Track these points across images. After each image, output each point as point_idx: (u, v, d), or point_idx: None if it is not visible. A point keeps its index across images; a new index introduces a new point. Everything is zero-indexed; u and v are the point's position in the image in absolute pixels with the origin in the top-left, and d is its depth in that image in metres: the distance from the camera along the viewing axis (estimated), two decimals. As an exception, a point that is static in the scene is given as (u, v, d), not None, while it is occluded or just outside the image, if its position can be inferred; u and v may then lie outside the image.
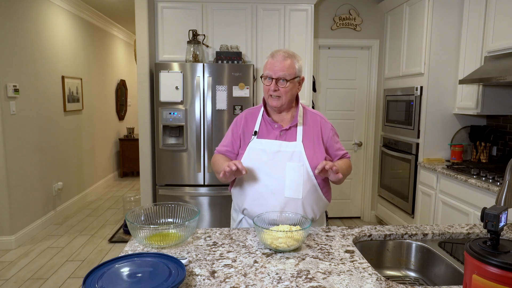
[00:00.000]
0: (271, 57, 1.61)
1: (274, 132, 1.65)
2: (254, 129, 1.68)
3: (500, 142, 3.27)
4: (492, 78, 2.53)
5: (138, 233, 1.33)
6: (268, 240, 1.31)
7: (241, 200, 1.68)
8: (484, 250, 0.88)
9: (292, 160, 1.59)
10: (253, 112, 1.74)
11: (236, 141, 1.71)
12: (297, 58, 1.61)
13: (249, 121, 1.71)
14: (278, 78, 1.57)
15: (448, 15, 3.26)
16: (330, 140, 1.69)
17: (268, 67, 1.59)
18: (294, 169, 1.58)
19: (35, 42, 3.96)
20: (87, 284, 0.98)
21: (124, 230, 3.93)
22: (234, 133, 1.73)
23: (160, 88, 3.43)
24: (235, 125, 1.75)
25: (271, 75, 1.57)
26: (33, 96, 3.90)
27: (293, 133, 1.64)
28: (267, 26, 3.74)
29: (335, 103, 4.35)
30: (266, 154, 1.60)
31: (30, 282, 2.93)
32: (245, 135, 1.69)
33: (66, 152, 4.65)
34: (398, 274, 1.50)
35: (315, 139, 1.65)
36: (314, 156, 1.61)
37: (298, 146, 1.60)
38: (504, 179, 1.08)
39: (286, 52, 1.60)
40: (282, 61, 1.56)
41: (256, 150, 1.63)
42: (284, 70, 1.56)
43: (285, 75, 1.56)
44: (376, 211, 4.41)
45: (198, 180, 3.55)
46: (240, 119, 1.75)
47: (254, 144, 1.64)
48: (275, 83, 1.57)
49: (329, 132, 1.70)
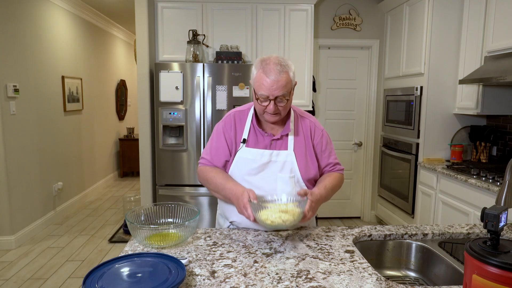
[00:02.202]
0: (263, 73, 1.39)
1: (264, 141, 1.52)
2: (242, 135, 1.53)
3: (500, 142, 3.27)
4: (492, 78, 2.53)
5: (138, 233, 1.33)
6: (263, 216, 1.29)
7: (228, 211, 1.58)
8: (484, 250, 0.88)
9: (283, 171, 1.49)
10: (242, 116, 1.57)
11: (232, 148, 1.55)
12: (290, 66, 1.42)
13: (238, 126, 1.55)
14: (276, 97, 1.40)
15: (448, 15, 3.26)
16: (318, 146, 1.58)
17: (264, 87, 1.38)
18: (285, 182, 1.48)
19: (35, 42, 3.96)
20: (87, 284, 0.98)
21: (124, 230, 3.93)
22: (228, 139, 1.55)
23: (160, 88, 3.43)
24: (225, 130, 1.56)
25: (268, 96, 1.39)
26: (33, 96, 3.90)
27: (284, 142, 1.52)
28: (267, 26, 3.74)
29: (335, 103, 4.35)
30: (256, 165, 1.49)
31: (30, 282, 2.93)
32: (236, 141, 1.54)
33: (66, 152, 4.65)
34: (398, 274, 1.49)
35: (307, 147, 1.55)
36: (306, 166, 1.52)
37: (289, 156, 1.50)
38: (504, 179, 1.08)
39: (278, 63, 1.39)
40: (278, 79, 1.37)
41: (245, 160, 1.51)
42: (283, 88, 1.38)
43: (284, 94, 1.40)
44: (376, 211, 4.41)
45: (198, 180, 3.54)
46: (229, 122, 1.57)
47: (242, 153, 1.51)
48: (274, 104, 1.41)
49: (318, 137, 1.58)
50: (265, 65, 1.40)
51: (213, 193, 1.57)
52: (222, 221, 1.70)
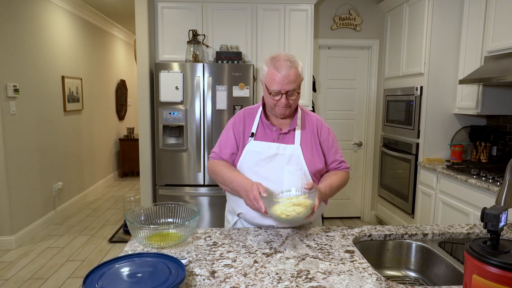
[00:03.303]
0: (274, 69, 1.49)
1: (272, 135, 1.60)
2: (251, 130, 1.62)
3: (500, 142, 3.27)
4: (492, 78, 2.53)
5: (138, 233, 1.33)
6: (277, 211, 1.32)
7: (236, 204, 1.63)
8: (484, 250, 0.88)
9: (290, 163, 1.55)
10: (251, 113, 1.68)
11: (239, 142, 1.64)
12: (298, 62, 1.52)
13: (247, 122, 1.65)
14: (287, 91, 1.50)
15: (448, 15, 3.26)
16: (325, 143, 1.65)
17: (276, 82, 1.48)
18: (292, 173, 1.54)
19: (35, 42, 3.96)
20: (87, 284, 0.98)
21: (124, 230, 3.93)
22: (236, 133, 1.65)
23: (160, 88, 3.43)
24: (235, 125, 1.67)
25: (280, 90, 1.49)
26: (33, 96, 3.90)
27: (291, 136, 1.60)
28: (267, 26, 3.74)
29: (335, 103, 4.35)
30: (264, 157, 1.56)
31: (30, 282, 2.93)
32: (244, 136, 1.64)
33: (66, 152, 4.65)
34: (398, 274, 1.50)
35: (313, 142, 1.62)
36: (312, 159, 1.58)
37: (296, 149, 1.56)
38: (504, 179, 1.08)
39: (288, 59, 1.49)
40: (289, 73, 1.47)
41: (253, 153, 1.58)
42: (293, 82, 1.48)
43: (295, 88, 1.50)
44: (376, 211, 4.41)
45: (198, 180, 3.55)
46: (239, 118, 1.67)
47: (251, 146, 1.59)
48: (286, 97, 1.50)
49: (325, 134, 1.66)
50: (276, 61, 1.49)
51: (221, 185, 1.63)
52: (231, 217, 1.74)
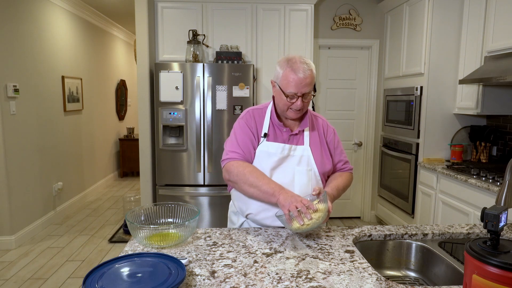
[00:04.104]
0: (292, 71, 1.46)
1: (282, 136, 1.60)
2: (262, 130, 1.60)
3: (500, 142, 3.27)
4: (492, 78, 2.53)
5: (138, 233, 1.33)
6: (297, 224, 1.33)
7: (245, 204, 1.61)
8: (484, 250, 0.88)
9: (301, 164, 1.57)
10: (260, 113, 1.64)
11: (254, 141, 1.60)
12: (312, 64, 1.51)
13: (257, 121, 1.62)
14: (303, 94, 1.49)
15: (448, 15, 3.26)
16: (331, 144, 1.68)
17: (293, 85, 1.46)
18: (303, 174, 1.56)
19: (35, 42, 3.95)
20: (87, 284, 0.98)
21: (124, 230, 3.93)
22: (253, 131, 1.60)
23: (160, 88, 3.43)
24: (248, 123, 1.61)
25: (297, 93, 1.48)
26: (33, 96, 3.90)
27: (300, 137, 1.61)
28: (267, 26, 3.74)
29: (335, 103, 4.35)
30: (277, 158, 1.56)
31: (30, 282, 2.93)
32: (257, 135, 1.61)
33: (66, 152, 4.65)
34: (398, 274, 1.49)
35: (321, 143, 1.64)
36: (322, 160, 1.60)
37: (306, 150, 1.58)
38: (504, 179, 1.08)
39: (304, 61, 1.48)
40: (306, 76, 1.46)
41: (267, 153, 1.57)
42: (310, 85, 1.48)
43: (310, 90, 1.50)
44: (376, 211, 4.41)
45: (198, 180, 3.55)
46: (249, 117, 1.63)
47: (263, 147, 1.58)
48: (301, 100, 1.49)
49: (331, 135, 1.70)
50: (292, 63, 1.48)
51: (245, 187, 1.51)
52: (236, 218, 1.72)
